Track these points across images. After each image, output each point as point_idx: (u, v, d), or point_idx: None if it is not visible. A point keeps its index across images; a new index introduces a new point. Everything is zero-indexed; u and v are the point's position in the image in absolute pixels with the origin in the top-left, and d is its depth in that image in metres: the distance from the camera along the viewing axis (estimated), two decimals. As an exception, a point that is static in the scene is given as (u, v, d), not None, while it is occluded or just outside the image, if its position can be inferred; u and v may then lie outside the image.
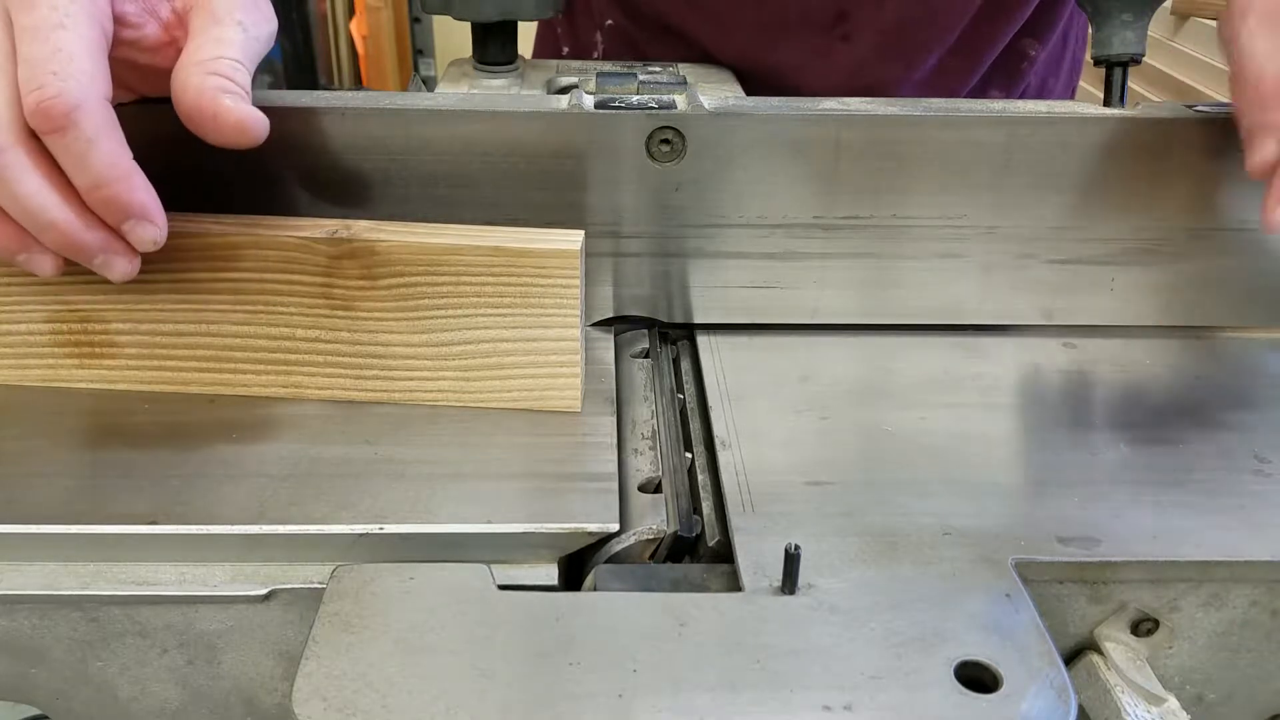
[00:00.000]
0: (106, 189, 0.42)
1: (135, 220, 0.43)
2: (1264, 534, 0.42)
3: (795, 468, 0.46)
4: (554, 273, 0.46)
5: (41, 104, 0.39)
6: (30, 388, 0.50)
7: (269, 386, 0.49)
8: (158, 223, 0.43)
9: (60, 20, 0.40)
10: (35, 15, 0.40)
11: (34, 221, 0.42)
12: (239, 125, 0.43)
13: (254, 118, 0.44)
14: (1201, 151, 0.54)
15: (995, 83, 0.85)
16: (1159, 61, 1.76)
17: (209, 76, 0.43)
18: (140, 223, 0.43)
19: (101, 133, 0.41)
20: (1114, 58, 0.54)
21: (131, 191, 0.42)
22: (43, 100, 0.39)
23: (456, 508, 0.42)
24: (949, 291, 0.57)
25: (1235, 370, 0.56)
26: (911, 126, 0.52)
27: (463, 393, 0.49)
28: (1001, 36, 0.82)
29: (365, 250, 0.46)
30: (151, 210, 0.43)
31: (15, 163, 0.41)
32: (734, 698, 0.34)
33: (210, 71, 0.43)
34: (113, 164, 0.41)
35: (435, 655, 0.36)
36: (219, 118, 0.43)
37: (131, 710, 0.43)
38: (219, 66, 0.44)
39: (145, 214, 0.43)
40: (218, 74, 0.43)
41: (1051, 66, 0.89)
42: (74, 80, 0.40)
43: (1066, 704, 0.34)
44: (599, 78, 0.55)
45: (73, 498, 0.42)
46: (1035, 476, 0.47)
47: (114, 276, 0.44)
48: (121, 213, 0.43)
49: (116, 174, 0.42)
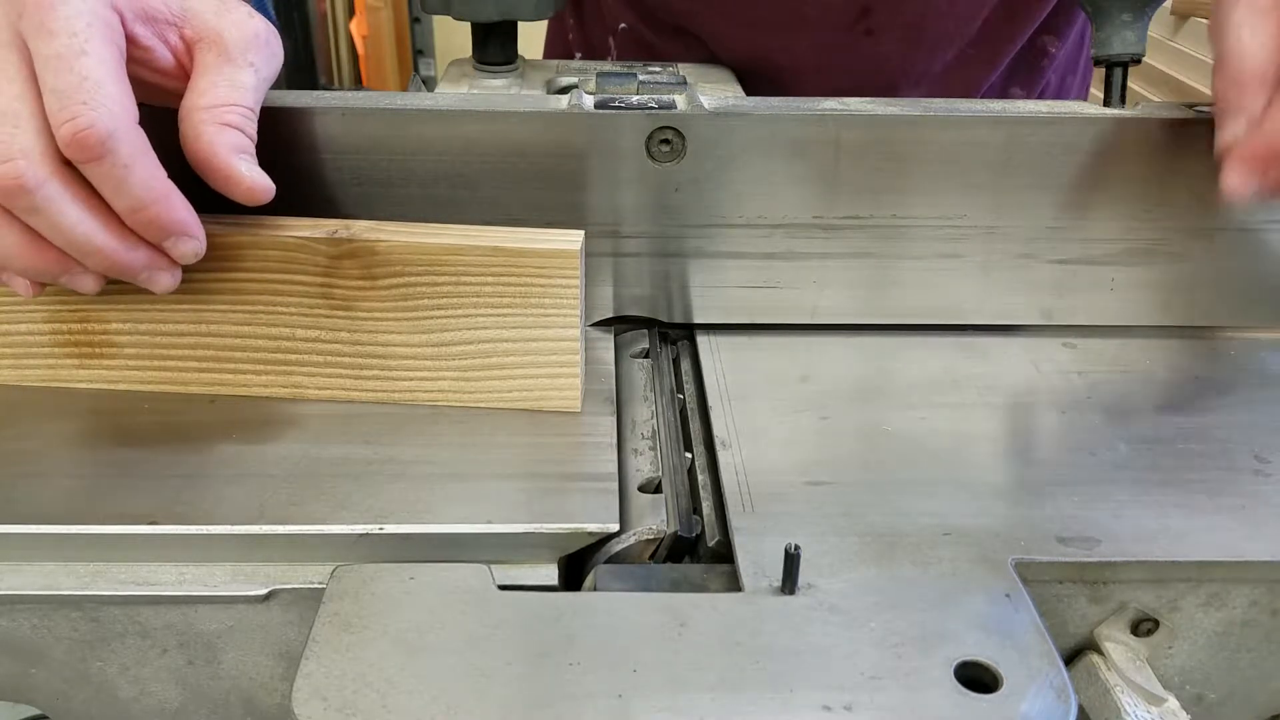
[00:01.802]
0: (147, 211, 0.42)
1: (176, 237, 0.44)
2: (1264, 534, 0.42)
3: (795, 468, 0.46)
4: (554, 273, 0.46)
5: (77, 135, 0.40)
6: (30, 388, 0.50)
7: (269, 386, 0.49)
8: (198, 236, 0.44)
9: (82, 47, 0.40)
10: (56, 43, 0.40)
11: (78, 249, 0.43)
12: (250, 191, 0.44)
13: (264, 185, 0.45)
14: (1201, 151, 0.53)
15: (1017, 80, 0.86)
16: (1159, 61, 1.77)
17: (223, 129, 0.44)
18: (181, 239, 0.44)
19: (137, 157, 0.41)
20: (1114, 58, 0.54)
21: (171, 211, 0.43)
22: (77, 131, 0.40)
23: (456, 508, 0.42)
24: (949, 291, 0.57)
25: (1235, 370, 0.56)
26: (911, 126, 0.52)
27: (463, 393, 0.49)
28: (1021, 33, 0.82)
29: (365, 250, 0.46)
30: (191, 226, 0.44)
31: (55, 194, 0.41)
32: (734, 698, 0.34)
33: (223, 123, 0.44)
34: (150, 186, 0.42)
35: (435, 655, 0.36)
36: (231, 180, 0.44)
37: (131, 710, 0.43)
38: (231, 117, 0.44)
39: (186, 230, 0.44)
40: (230, 125, 0.44)
41: (1070, 64, 0.89)
42: (105, 108, 0.40)
43: (1066, 704, 0.34)
44: (599, 78, 0.55)
45: (73, 498, 0.42)
46: (1035, 476, 0.47)
47: (159, 290, 0.46)
48: (163, 231, 0.43)
49: (155, 195, 0.42)
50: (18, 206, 0.41)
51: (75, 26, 0.40)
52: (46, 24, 0.40)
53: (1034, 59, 0.85)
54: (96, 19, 0.41)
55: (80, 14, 0.41)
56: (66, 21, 0.40)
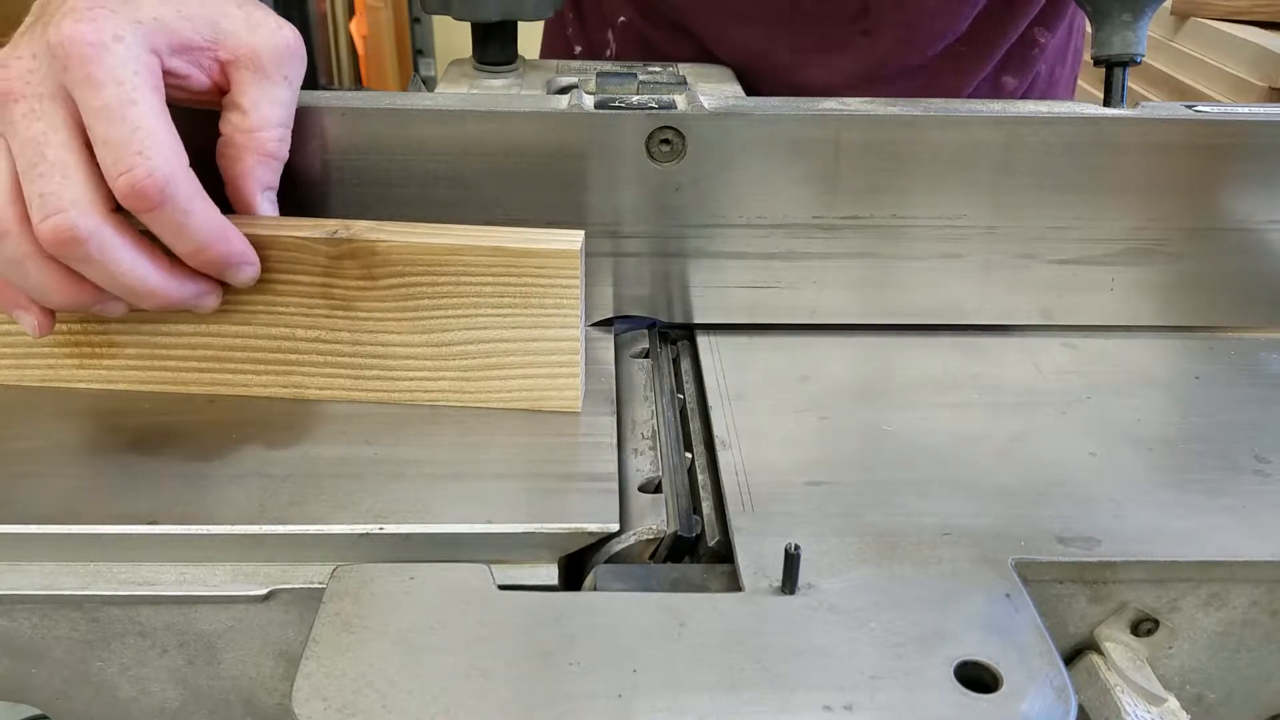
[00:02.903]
0: (208, 251, 0.44)
1: (236, 266, 0.45)
2: (1264, 534, 0.42)
3: (795, 468, 0.46)
4: (554, 273, 0.46)
5: (135, 187, 0.40)
6: (30, 388, 0.50)
7: (269, 387, 0.49)
8: (254, 262, 0.46)
9: (130, 96, 0.40)
10: (105, 94, 0.40)
11: (133, 292, 0.43)
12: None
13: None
14: (1201, 151, 0.54)
15: (1009, 69, 0.86)
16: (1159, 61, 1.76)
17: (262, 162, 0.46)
18: (240, 267, 0.45)
19: (194, 201, 0.42)
20: (1114, 58, 0.54)
21: (230, 245, 0.44)
22: (135, 183, 0.40)
23: (456, 508, 0.42)
24: (949, 291, 0.57)
25: (1235, 370, 0.56)
26: (911, 126, 0.52)
27: (463, 393, 0.49)
28: (1014, 28, 0.83)
29: (365, 250, 0.46)
30: (249, 254, 0.45)
31: (108, 241, 0.42)
32: (734, 698, 0.34)
33: (264, 153, 0.46)
34: (209, 227, 0.43)
35: (435, 655, 0.36)
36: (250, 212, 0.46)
37: (131, 710, 0.43)
38: (271, 145, 0.46)
39: (244, 259, 0.45)
40: (270, 156, 0.47)
41: (1059, 56, 0.90)
42: (160, 157, 0.41)
43: (1066, 704, 0.34)
44: (599, 78, 0.55)
45: (73, 498, 0.42)
46: (1035, 476, 0.46)
47: (205, 312, 0.46)
48: (223, 266, 0.45)
49: (214, 235, 0.43)
50: (71, 256, 0.41)
51: (121, 75, 0.40)
52: (93, 76, 0.40)
53: (1025, 49, 0.86)
54: (141, 66, 0.41)
55: (125, 63, 0.41)
56: (112, 71, 0.40)
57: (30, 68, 0.41)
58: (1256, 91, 1.51)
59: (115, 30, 0.41)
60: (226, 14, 0.45)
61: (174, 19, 0.43)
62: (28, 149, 0.41)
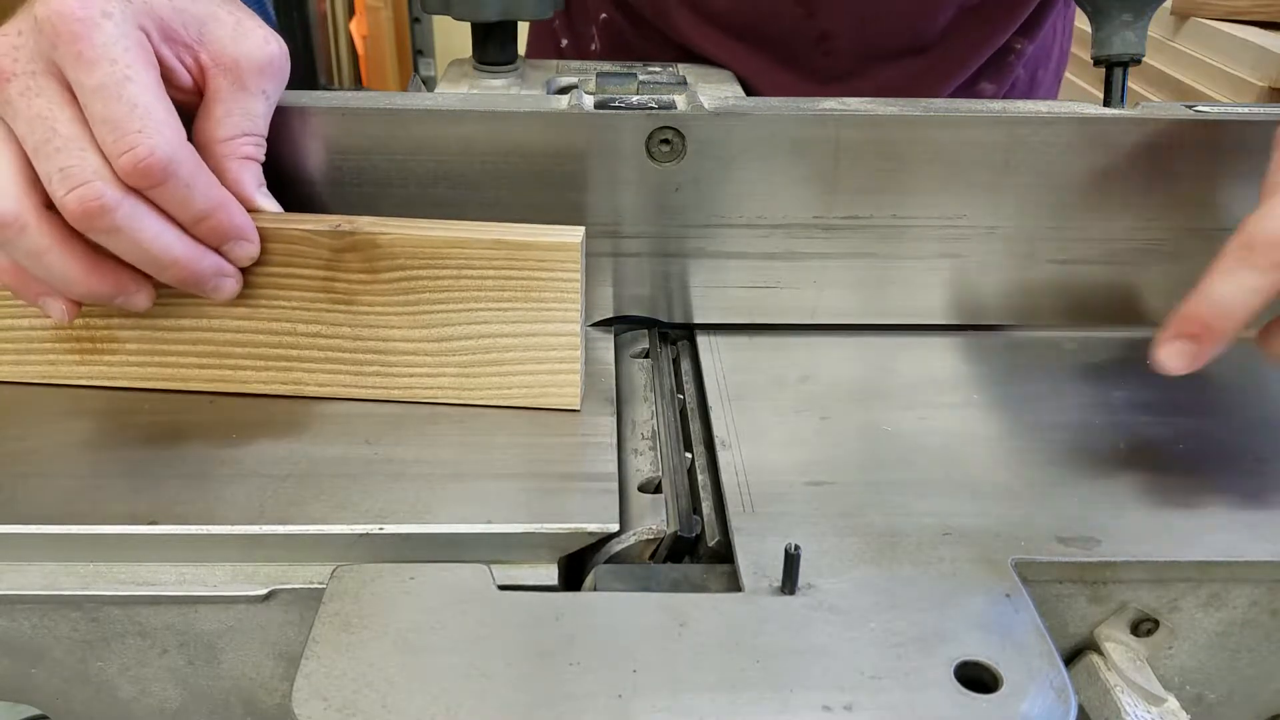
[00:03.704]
0: (211, 219, 0.44)
1: (235, 241, 0.45)
2: (1264, 534, 0.42)
3: (795, 468, 0.46)
4: (555, 266, 0.46)
5: (139, 165, 0.40)
6: (30, 387, 0.50)
7: (269, 383, 0.49)
8: (254, 240, 0.46)
9: (125, 73, 0.40)
10: (100, 73, 0.40)
11: (157, 262, 0.44)
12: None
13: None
14: (1201, 151, 0.54)
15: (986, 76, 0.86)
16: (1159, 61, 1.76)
17: (244, 165, 0.46)
18: (239, 242, 0.45)
19: (196, 174, 0.43)
20: (1114, 58, 0.54)
21: (231, 216, 0.45)
22: (138, 162, 0.40)
23: (456, 508, 0.42)
24: (949, 291, 0.57)
25: (1235, 370, 0.56)
26: (911, 126, 0.52)
27: (462, 389, 0.49)
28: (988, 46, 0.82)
29: (367, 243, 0.46)
30: (248, 230, 0.46)
31: (133, 210, 0.42)
32: (734, 698, 0.34)
33: (243, 157, 0.46)
34: (210, 196, 0.44)
35: (435, 655, 0.36)
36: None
37: (131, 710, 0.43)
38: (248, 150, 0.46)
39: (244, 234, 0.45)
40: (249, 159, 0.46)
41: (1042, 58, 0.89)
42: (159, 134, 0.41)
43: (1066, 704, 0.34)
44: (599, 78, 0.55)
45: (73, 498, 0.42)
46: (1035, 476, 0.46)
47: (224, 298, 0.47)
48: (224, 236, 0.45)
49: (216, 204, 0.44)
50: (99, 228, 0.41)
51: (114, 53, 0.40)
52: (84, 54, 0.40)
53: (1001, 57, 0.85)
54: (133, 43, 0.41)
55: (116, 40, 0.41)
56: (104, 49, 0.40)
57: (16, 44, 0.41)
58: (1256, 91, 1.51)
59: (104, 6, 0.41)
60: (217, 18, 0.45)
61: (164, 6, 0.43)
62: (36, 126, 0.41)
